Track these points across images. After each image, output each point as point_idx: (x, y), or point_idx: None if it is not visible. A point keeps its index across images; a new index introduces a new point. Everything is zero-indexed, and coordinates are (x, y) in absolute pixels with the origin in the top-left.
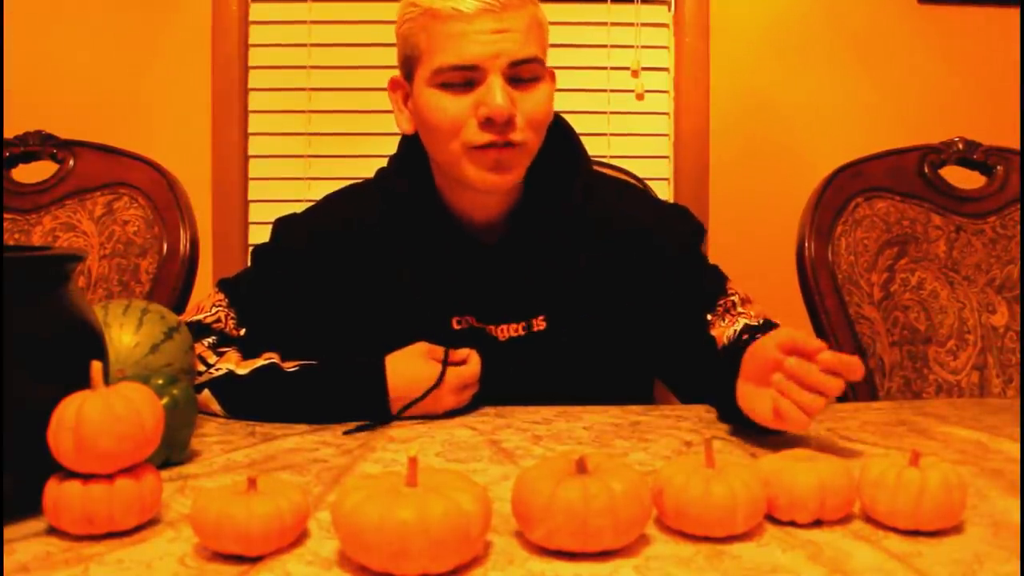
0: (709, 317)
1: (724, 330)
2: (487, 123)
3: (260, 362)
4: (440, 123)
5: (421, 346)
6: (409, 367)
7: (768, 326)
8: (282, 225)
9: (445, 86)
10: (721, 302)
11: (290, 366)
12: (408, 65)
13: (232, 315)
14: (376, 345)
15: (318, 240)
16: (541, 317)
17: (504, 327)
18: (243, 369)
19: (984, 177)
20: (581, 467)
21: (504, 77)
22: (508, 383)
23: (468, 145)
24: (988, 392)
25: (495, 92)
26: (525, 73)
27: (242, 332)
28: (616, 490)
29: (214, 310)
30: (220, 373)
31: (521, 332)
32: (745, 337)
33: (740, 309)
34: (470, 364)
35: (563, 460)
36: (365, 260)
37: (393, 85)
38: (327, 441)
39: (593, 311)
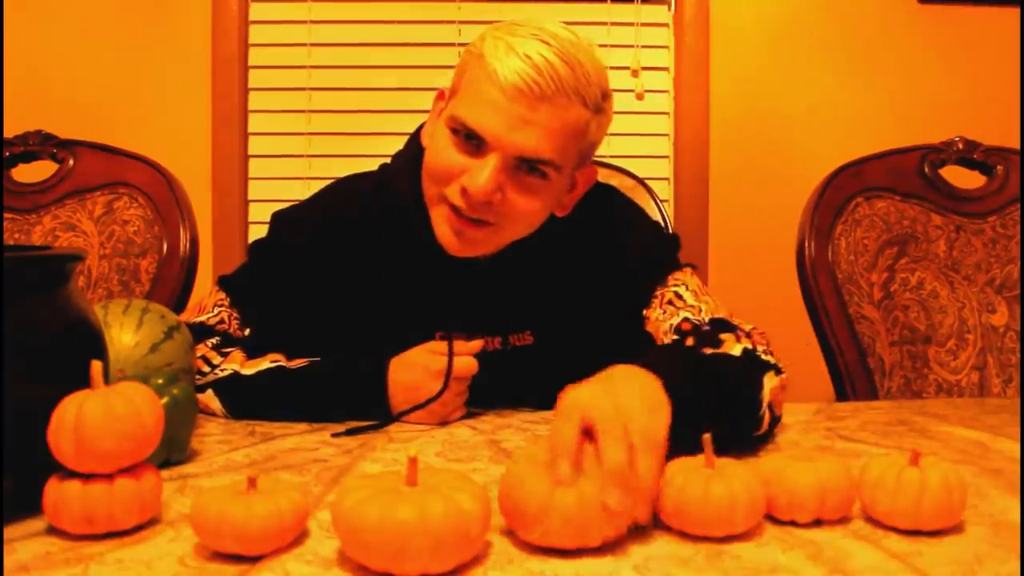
0: (644, 312)
1: (663, 322)
2: (465, 192)
3: (265, 363)
4: (434, 163)
5: (428, 345)
6: (411, 369)
7: (717, 324)
8: (280, 221)
9: (455, 132)
10: (658, 293)
11: (294, 365)
12: (452, 88)
13: (235, 315)
14: (366, 347)
15: (315, 237)
16: (527, 332)
17: (488, 339)
18: (248, 370)
19: (984, 177)
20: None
21: (504, 160)
22: (489, 396)
23: (445, 196)
24: (988, 392)
25: (484, 171)
26: (530, 167)
27: (246, 332)
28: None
29: (216, 311)
30: (225, 374)
31: (500, 346)
32: (687, 327)
33: (680, 304)
34: (472, 360)
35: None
36: (359, 261)
37: (440, 95)
38: (327, 441)
39: (573, 322)
